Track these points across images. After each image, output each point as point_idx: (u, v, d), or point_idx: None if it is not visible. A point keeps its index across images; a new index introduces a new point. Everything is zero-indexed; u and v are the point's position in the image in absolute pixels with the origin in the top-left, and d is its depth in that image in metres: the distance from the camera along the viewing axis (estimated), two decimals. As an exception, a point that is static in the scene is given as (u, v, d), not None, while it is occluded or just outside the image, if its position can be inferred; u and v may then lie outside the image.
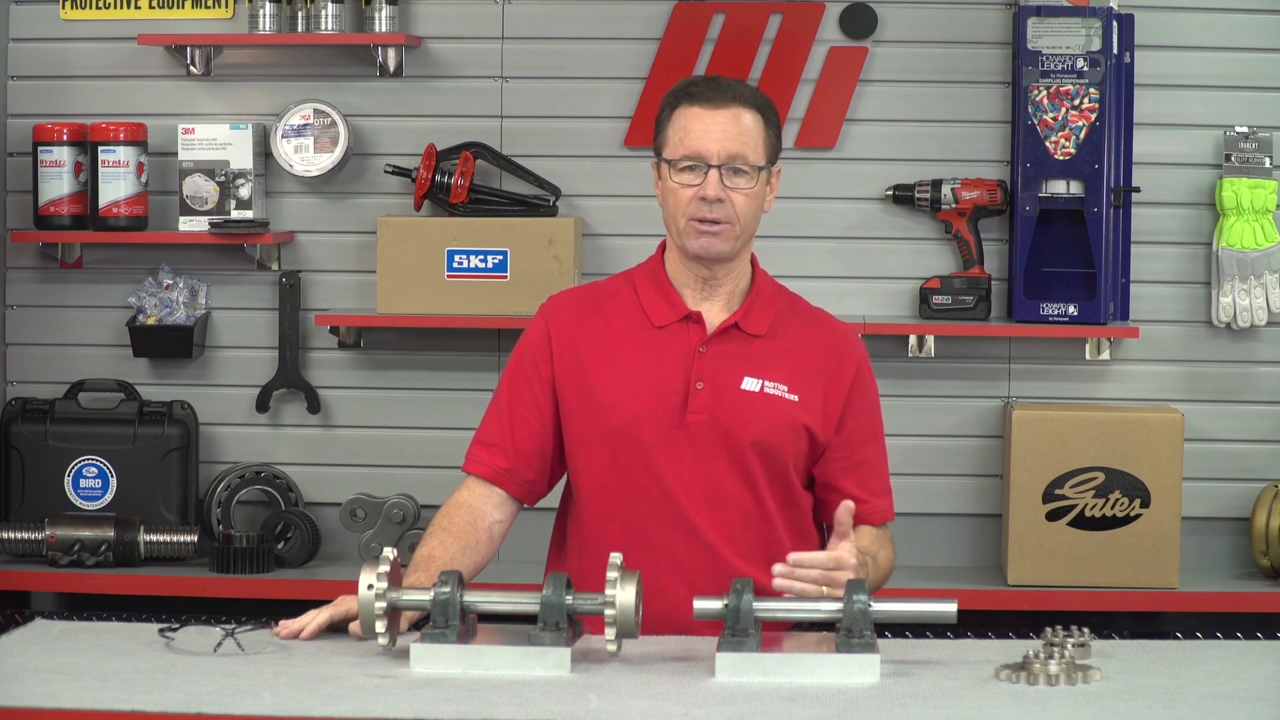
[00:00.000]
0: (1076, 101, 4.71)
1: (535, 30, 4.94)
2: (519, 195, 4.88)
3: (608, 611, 2.70)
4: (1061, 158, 4.73)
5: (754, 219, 3.15)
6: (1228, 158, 4.82)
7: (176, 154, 4.89)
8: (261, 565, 4.75)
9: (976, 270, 4.85)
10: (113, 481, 4.88)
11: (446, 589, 2.74)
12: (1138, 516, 4.69)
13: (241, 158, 4.88)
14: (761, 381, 3.16)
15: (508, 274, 4.78)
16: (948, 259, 4.90)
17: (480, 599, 2.78)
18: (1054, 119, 4.72)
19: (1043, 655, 2.69)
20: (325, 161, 4.90)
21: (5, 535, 4.79)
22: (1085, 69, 4.71)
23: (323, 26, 4.83)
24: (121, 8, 4.98)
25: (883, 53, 4.91)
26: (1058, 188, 4.76)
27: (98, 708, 2.50)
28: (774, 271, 3.28)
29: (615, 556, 2.74)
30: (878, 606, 2.73)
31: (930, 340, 4.80)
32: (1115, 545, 4.67)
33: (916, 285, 4.90)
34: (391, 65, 4.93)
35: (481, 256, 4.80)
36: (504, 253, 4.79)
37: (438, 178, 4.82)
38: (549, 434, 3.20)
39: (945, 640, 3.00)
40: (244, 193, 4.89)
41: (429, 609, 2.75)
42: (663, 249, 3.24)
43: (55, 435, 4.90)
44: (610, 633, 2.71)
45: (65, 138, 4.86)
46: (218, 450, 5.02)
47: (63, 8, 4.98)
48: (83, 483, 4.88)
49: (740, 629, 2.71)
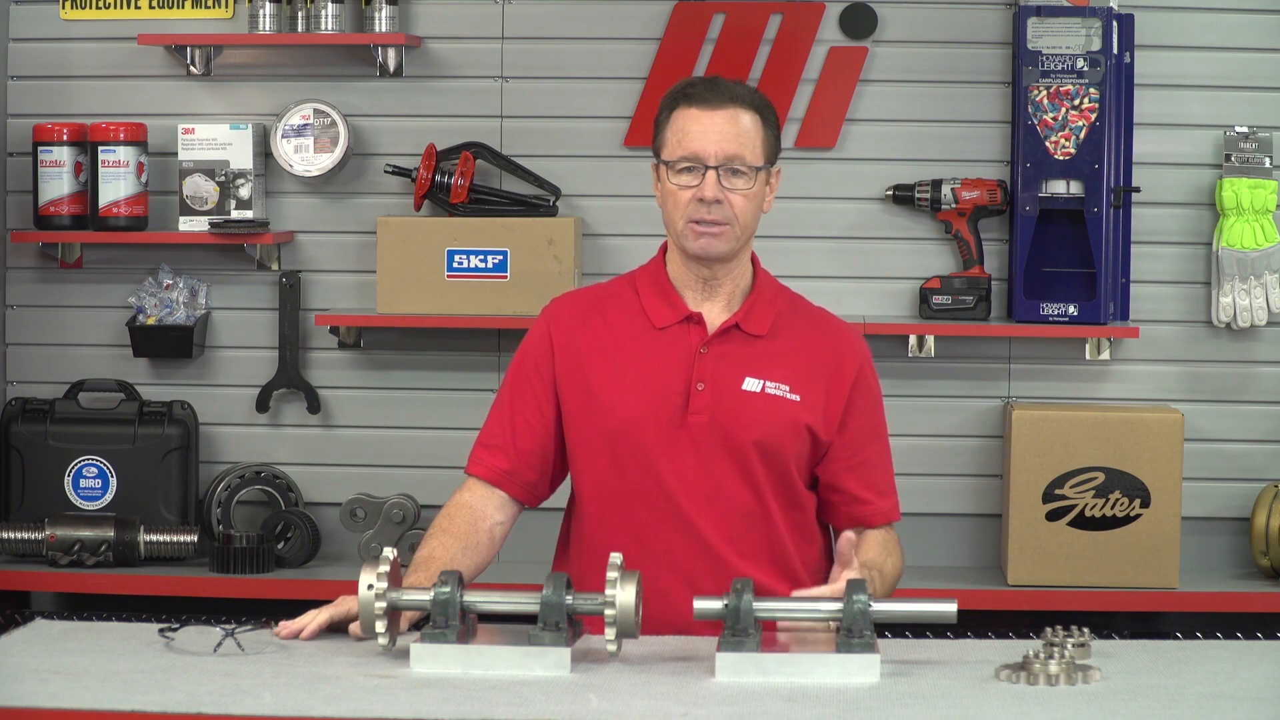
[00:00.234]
0: (1076, 101, 4.71)
1: (535, 30, 4.94)
2: (519, 195, 4.88)
3: (608, 611, 2.70)
4: (1061, 158, 4.73)
5: (753, 219, 3.15)
6: (1228, 158, 4.82)
7: (176, 154, 4.89)
8: (261, 565, 4.75)
9: (976, 270, 4.85)
10: (113, 481, 4.88)
11: (446, 589, 2.74)
12: (1138, 516, 4.69)
13: (241, 158, 4.88)
14: (763, 382, 3.15)
15: (508, 274, 4.78)
16: (948, 259, 4.90)
17: (480, 599, 2.78)
18: (1054, 119, 4.72)
19: (1043, 655, 2.69)
20: (325, 161, 4.90)
21: (5, 535, 4.79)
22: (1085, 69, 4.71)
23: (323, 26, 4.83)
24: (121, 8, 4.98)
25: (883, 53, 4.91)
26: (1058, 188, 4.76)
27: (98, 708, 2.50)
28: (774, 271, 3.27)
29: (615, 557, 2.74)
30: (878, 606, 2.73)
31: (930, 340, 4.80)
32: (1115, 545, 4.67)
33: (916, 285, 4.90)
34: (391, 65, 4.92)
35: (481, 256, 4.80)
36: (504, 253, 4.79)
37: (438, 178, 4.82)
38: (550, 435, 3.20)
39: (945, 640, 2.99)
40: (244, 193, 4.88)
41: (429, 609, 2.75)
42: (664, 250, 3.24)
43: (55, 435, 4.90)
44: (610, 633, 2.71)
45: (65, 138, 4.86)
46: (218, 450, 5.02)
47: (63, 8, 4.98)
48: (83, 483, 4.88)
49: (740, 629, 2.71)
